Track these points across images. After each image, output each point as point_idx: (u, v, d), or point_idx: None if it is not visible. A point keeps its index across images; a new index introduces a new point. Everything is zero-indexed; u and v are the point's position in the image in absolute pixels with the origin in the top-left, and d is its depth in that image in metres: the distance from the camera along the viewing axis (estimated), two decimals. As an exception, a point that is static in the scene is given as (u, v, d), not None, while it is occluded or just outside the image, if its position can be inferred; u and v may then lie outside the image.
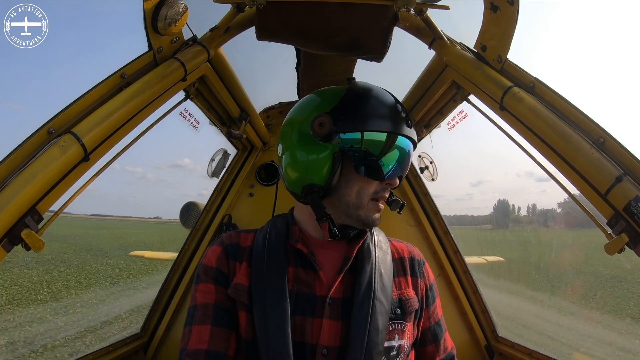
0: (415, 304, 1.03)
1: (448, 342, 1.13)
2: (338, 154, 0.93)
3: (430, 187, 2.31)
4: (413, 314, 1.03)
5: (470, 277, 2.21)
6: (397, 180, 0.98)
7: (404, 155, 0.97)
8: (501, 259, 8.19)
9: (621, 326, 9.05)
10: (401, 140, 0.95)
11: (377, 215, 0.99)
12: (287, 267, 0.95)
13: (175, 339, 2.18)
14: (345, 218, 0.98)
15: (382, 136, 0.93)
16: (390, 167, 0.95)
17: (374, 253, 1.02)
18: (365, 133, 0.92)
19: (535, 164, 1.34)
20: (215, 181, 2.37)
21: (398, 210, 1.04)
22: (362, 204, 0.96)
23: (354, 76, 1.49)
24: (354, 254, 0.99)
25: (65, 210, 1.16)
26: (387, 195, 1.00)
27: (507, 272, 15.53)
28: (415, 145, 1.01)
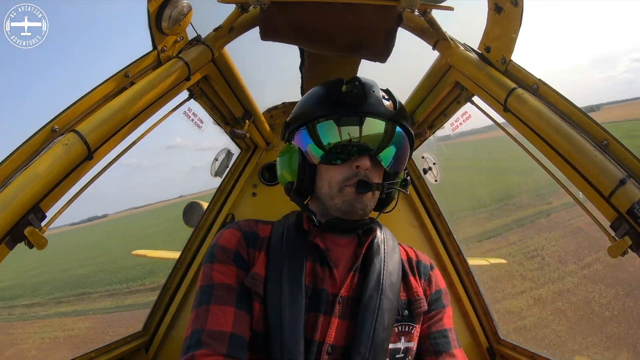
0: (424, 305, 1.02)
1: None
2: (300, 152, 0.99)
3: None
4: (422, 316, 1.01)
5: (473, 279, 2.20)
6: (364, 161, 0.93)
7: (351, 132, 0.95)
8: (503, 261, 8.11)
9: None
10: (341, 121, 0.95)
11: (353, 201, 0.94)
12: (305, 262, 0.94)
13: (177, 338, 2.18)
14: (328, 211, 0.99)
15: (323, 126, 0.97)
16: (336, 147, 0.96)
17: (383, 251, 1.02)
18: (308, 126, 0.99)
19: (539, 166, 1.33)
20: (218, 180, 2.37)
21: (364, 190, 0.93)
22: (334, 193, 0.96)
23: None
24: (363, 251, 0.99)
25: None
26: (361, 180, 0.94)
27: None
28: (376, 115, 0.96)
